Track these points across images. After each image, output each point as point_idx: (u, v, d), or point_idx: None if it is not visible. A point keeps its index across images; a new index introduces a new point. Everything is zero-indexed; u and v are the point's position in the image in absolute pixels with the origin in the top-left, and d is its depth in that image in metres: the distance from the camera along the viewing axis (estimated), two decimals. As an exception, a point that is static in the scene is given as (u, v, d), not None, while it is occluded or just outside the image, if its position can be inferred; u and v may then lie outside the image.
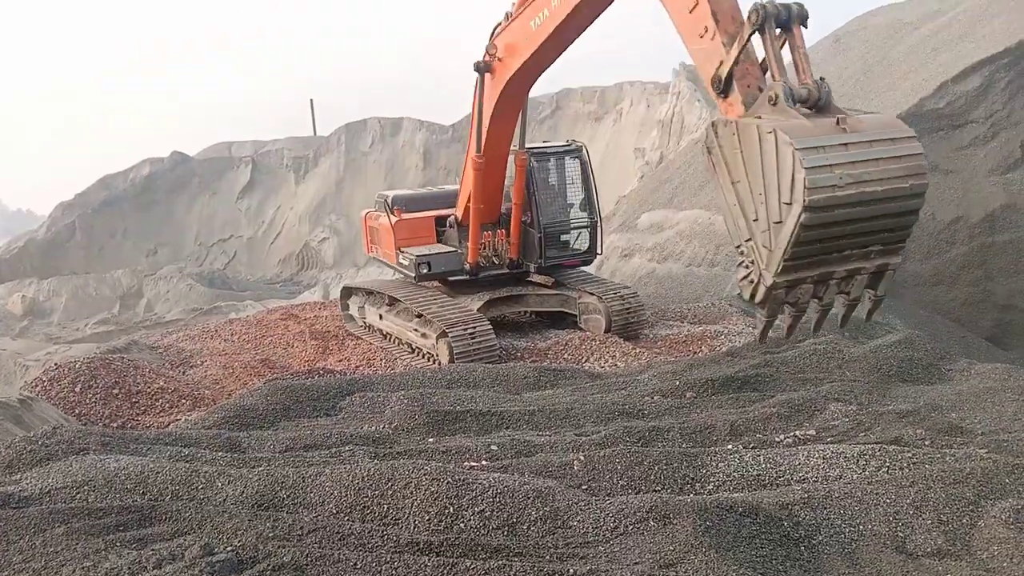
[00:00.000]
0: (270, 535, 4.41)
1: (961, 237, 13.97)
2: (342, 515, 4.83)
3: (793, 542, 4.42)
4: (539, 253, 11.05)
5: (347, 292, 13.20)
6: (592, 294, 11.13)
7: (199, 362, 11.52)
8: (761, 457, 5.50)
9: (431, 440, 6.47)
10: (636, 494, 4.98)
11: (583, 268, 12.56)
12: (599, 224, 11.43)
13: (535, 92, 10.27)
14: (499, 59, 9.26)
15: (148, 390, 9.59)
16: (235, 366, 10.97)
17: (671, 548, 4.15)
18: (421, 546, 4.33)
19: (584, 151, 11.35)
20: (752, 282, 5.13)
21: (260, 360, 11.34)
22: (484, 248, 10.96)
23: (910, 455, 5.31)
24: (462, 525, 4.62)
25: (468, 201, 10.66)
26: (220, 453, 6.02)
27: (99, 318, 31.79)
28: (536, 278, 12.04)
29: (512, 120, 10.06)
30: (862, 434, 6.12)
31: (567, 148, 11.28)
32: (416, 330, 10.89)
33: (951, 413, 6.65)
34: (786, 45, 5.14)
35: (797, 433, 6.18)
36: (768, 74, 5.23)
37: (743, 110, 5.26)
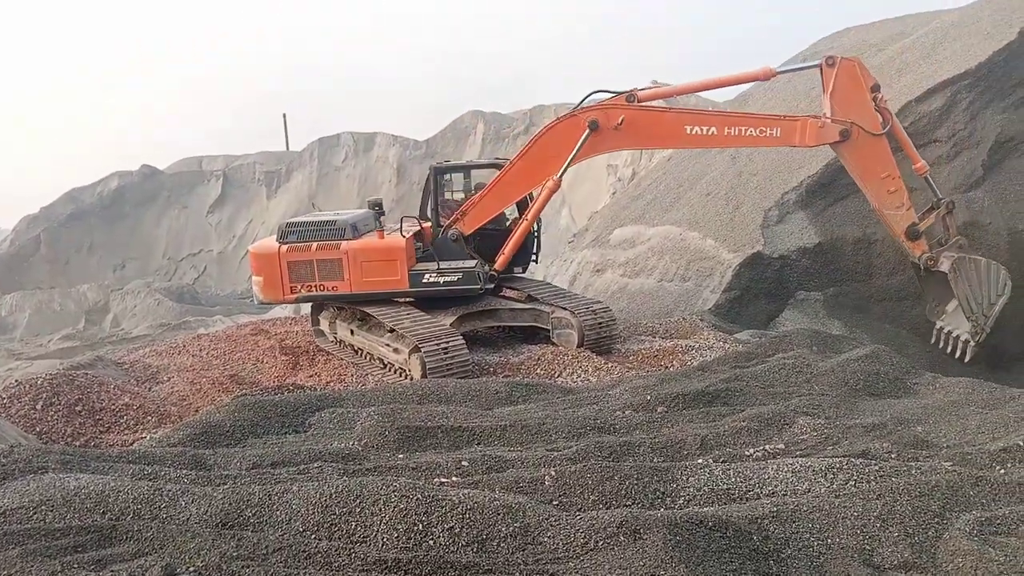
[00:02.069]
0: (234, 555, 4.31)
1: (925, 253, 14.20)
2: (309, 533, 4.75)
3: (762, 556, 4.43)
4: (532, 254, 12.05)
5: (318, 307, 13.06)
6: (565, 309, 11.17)
7: (166, 378, 11.30)
8: (731, 471, 5.52)
9: (401, 456, 6.41)
10: (607, 509, 4.97)
11: (555, 284, 13.91)
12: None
13: (509, 109, 10.84)
14: (617, 128, 10.35)
15: (112, 407, 9.36)
16: (203, 382, 10.77)
17: (641, 563, 4.14)
18: (389, 564, 4.27)
19: None
20: (977, 333, 10.55)
21: (229, 376, 11.14)
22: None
23: (877, 468, 5.37)
24: (431, 542, 4.57)
25: (493, 216, 11.29)
26: (184, 471, 5.90)
27: (64, 333, 31.11)
28: (509, 293, 12.08)
29: None
30: (830, 448, 6.18)
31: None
32: (388, 345, 10.80)
33: (917, 426, 6.74)
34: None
35: (767, 447, 6.23)
36: (950, 232, 10.95)
37: (927, 248, 10.75)
